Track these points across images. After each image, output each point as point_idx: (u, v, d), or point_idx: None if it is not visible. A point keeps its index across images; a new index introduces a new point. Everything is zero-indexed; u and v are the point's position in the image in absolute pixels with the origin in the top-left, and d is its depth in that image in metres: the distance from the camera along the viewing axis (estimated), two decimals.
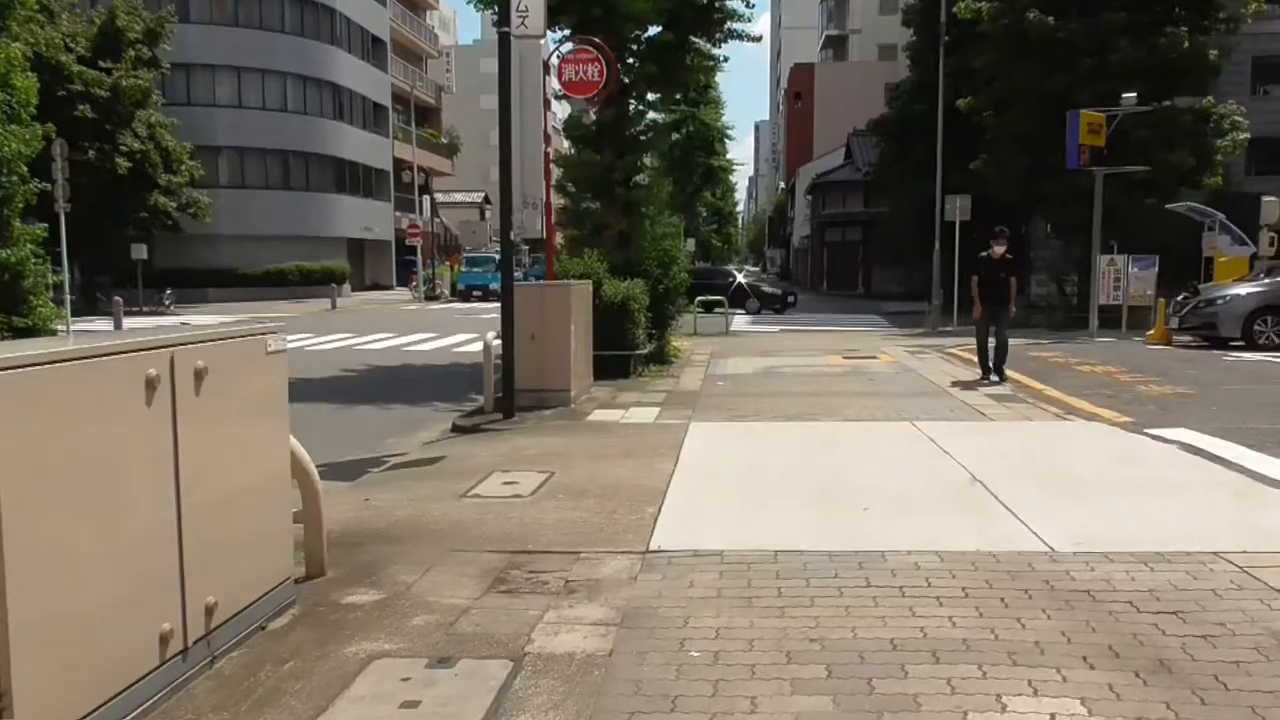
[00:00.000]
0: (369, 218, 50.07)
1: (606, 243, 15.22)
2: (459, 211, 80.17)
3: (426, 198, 43.54)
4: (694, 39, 16.07)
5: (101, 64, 33.97)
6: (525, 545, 5.08)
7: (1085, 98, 20.33)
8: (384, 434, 9.50)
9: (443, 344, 19.98)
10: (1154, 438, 7.99)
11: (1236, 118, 22.10)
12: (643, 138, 16.07)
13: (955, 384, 11.84)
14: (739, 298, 29.05)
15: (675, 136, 45.42)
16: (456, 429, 9.49)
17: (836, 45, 78.50)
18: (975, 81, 25.18)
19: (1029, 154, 22.82)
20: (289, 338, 4.31)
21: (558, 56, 11.90)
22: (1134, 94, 18.90)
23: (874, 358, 15.26)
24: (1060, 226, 24.79)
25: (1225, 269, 16.92)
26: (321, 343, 20.54)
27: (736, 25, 16.14)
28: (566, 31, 14.46)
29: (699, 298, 20.02)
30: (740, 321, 27.36)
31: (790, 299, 31.73)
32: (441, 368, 16.07)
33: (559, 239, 18.52)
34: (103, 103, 33.39)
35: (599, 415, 9.82)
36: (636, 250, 14.68)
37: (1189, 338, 16.83)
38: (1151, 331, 17.47)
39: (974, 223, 22.83)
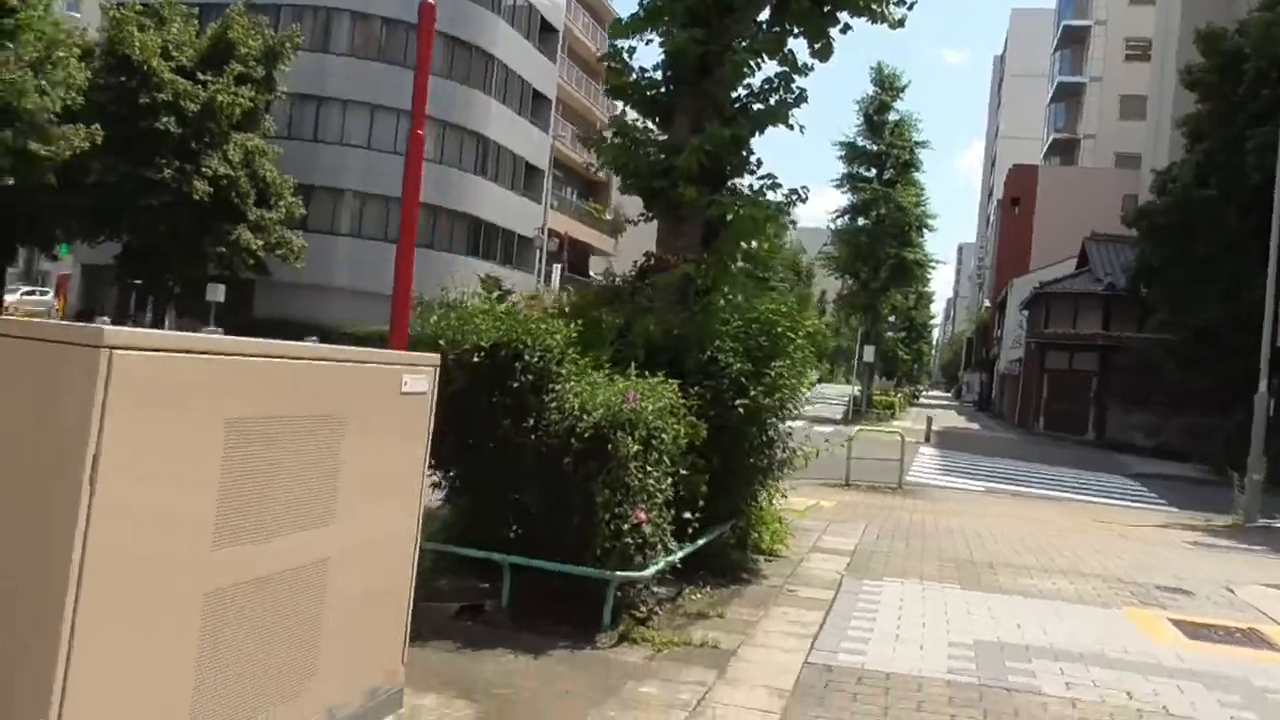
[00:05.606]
0: (506, 287, 43.84)
1: (660, 294, 7.30)
2: None
3: (557, 267, 36.80)
4: None
5: (201, 76, 29.36)
6: None
7: None
8: None
9: None
10: None
11: None
12: (756, 105, 7.99)
13: None
14: None
15: (863, 222, 37.00)
16: None
17: (1064, 151, 68.24)
18: None
19: None
20: None
21: None
22: None
23: (1272, 645, 6.23)
24: None
25: None
26: None
27: None
28: None
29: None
30: (924, 462, 18.48)
31: None
32: None
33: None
34: (191, 117, 28.60)
35: None
36: (705, 315, 6.67)
37: None
38: None
39: None
